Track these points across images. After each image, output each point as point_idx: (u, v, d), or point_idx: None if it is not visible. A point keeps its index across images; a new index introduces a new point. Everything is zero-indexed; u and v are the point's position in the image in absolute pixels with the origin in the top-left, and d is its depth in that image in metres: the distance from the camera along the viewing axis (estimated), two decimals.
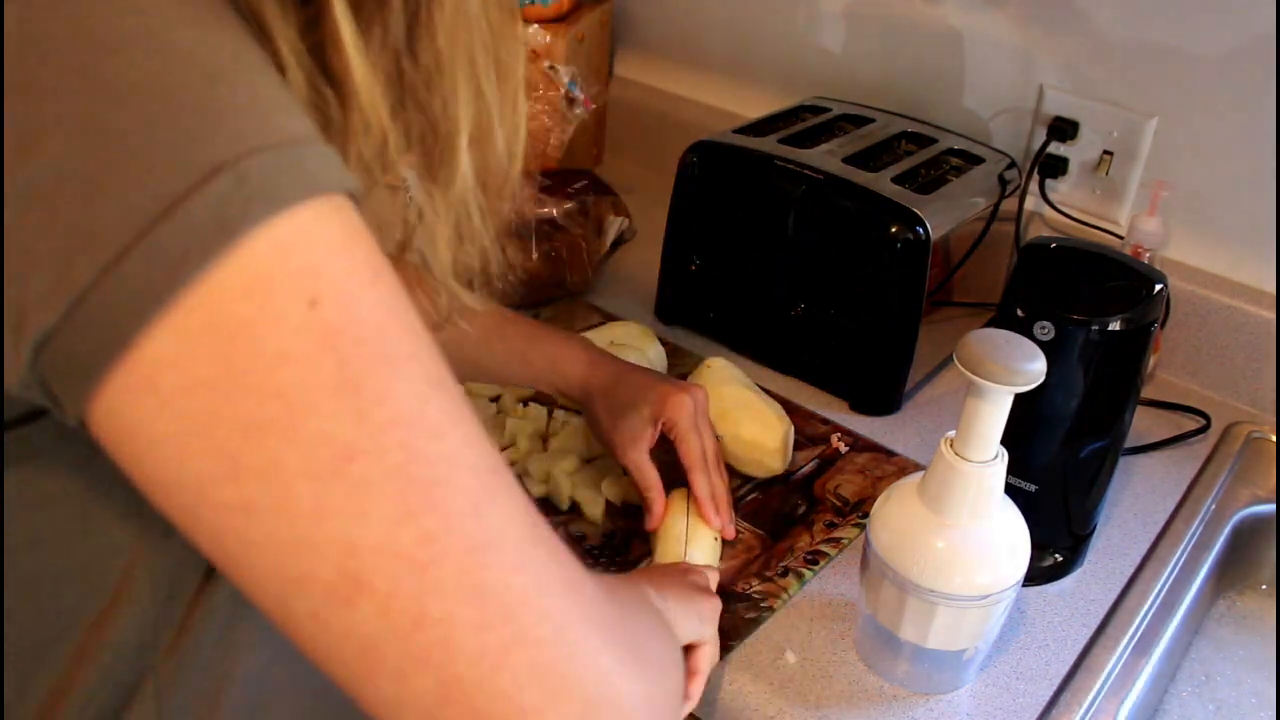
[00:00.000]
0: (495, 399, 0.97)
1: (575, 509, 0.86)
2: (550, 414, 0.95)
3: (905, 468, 0.92)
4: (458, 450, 0.35)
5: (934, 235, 0.92)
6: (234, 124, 0.32)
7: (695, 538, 0.78)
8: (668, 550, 0.78)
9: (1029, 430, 0.76)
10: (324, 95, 0.37)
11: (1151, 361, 1.04)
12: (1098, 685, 0.74)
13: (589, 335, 1.02)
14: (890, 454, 0.94)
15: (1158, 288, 0.76)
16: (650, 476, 0.80)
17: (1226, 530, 0.91)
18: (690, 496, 0.81)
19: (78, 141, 0.30)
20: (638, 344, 1.00)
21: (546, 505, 0.86)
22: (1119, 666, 0.76)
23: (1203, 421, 1.01)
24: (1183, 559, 0.86)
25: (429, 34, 0.39)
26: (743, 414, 0.89)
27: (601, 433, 0.82)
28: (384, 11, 0.38)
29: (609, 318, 1.11)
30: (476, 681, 0.35)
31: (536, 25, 1.27)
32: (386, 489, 0.33)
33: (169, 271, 0.30)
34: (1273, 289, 1.02)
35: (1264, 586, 0.97)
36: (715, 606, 0.69)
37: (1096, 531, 0.86)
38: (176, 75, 0.31)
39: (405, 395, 0.34)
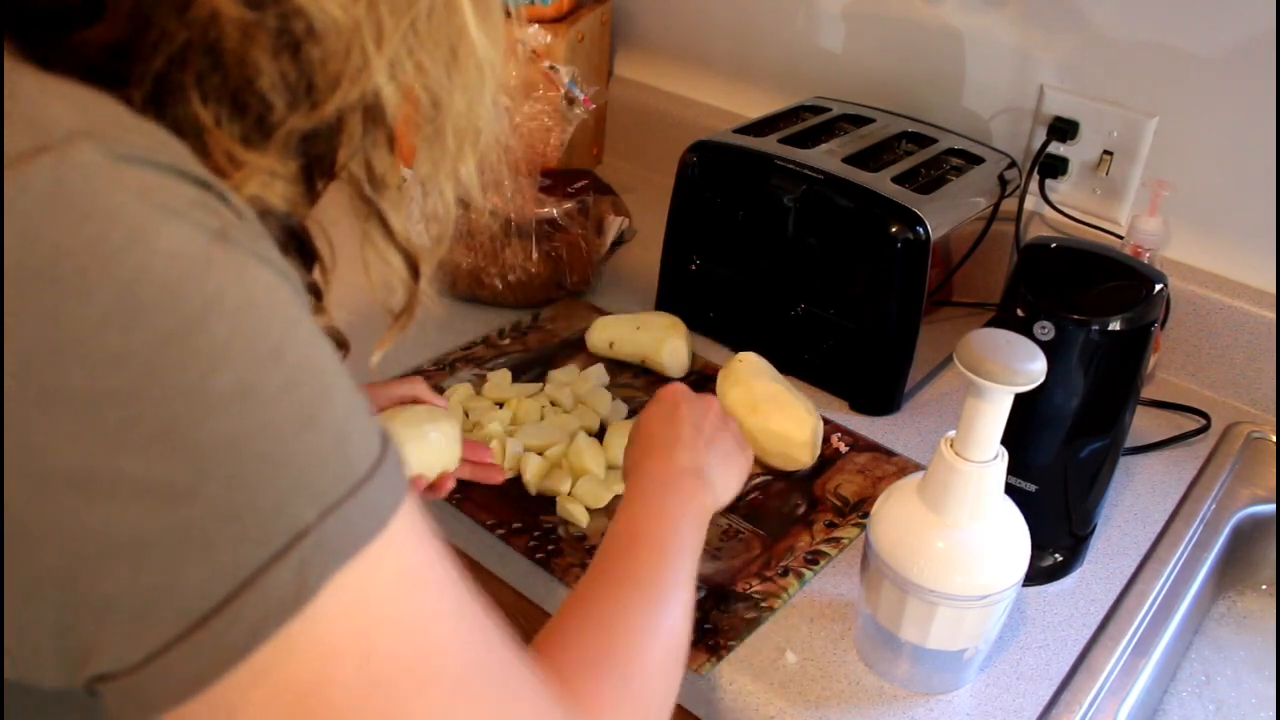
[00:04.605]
0: (500, 403, 0.97)
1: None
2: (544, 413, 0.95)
3: (905, 468, 0.92)
4: None
5: (934, 235, 0.92)
6: (318, 480, 0.33)
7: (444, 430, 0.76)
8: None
9: (1029, 430, 0.76)
10: None
11: (1151, 361, 1.04)
12: (1098, 685, 0.74)
13: (609, 321, 1.03)
14: (890, 454, 0.94)
15: (1158, 288, 0.76)
16: None
17: (1226, 530, 0.91)
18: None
19: (162, 507, 0.30)
20: (664, 334, 1.01)
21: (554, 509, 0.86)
22: (1119, 666, 0.76)
23: (1203, 421, 1.01)
24: (1183, 559, 0.86)
25: None
26: (772, 407, 0.89)
27: None
28: None
29: None
30: None
31: (536, 25, 1.27)
32: None
33: (247, 637, 0.31)
34: (1273, 289, 1.01)
35: (1264, 586, 0.97)
36: (746, 462, 0.76)
37: (1096, 531, 0.86)
38: (270, 429, 0.32)
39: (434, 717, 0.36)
